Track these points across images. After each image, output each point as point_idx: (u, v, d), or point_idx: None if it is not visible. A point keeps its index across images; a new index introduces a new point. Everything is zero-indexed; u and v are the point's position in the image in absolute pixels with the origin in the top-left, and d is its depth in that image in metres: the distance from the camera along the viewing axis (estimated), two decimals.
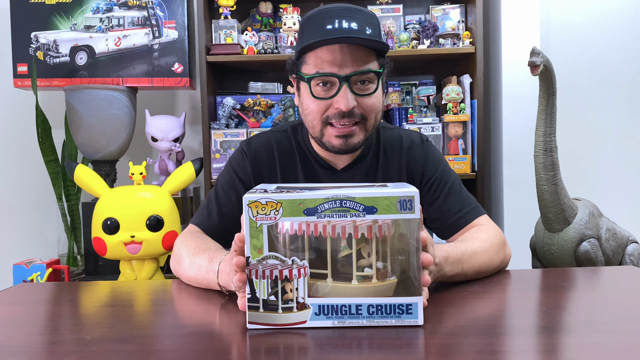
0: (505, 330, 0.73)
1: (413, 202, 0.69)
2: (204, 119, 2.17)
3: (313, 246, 0.70)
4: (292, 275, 0.70)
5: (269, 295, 0.70)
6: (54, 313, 0.87)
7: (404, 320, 0.70)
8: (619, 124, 2.42)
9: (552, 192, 1.56)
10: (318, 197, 0.69)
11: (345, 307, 0.70)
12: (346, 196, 0.69)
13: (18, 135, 2.51)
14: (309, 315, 0.70)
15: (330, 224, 0.69)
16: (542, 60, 1.49)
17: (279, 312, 0.70)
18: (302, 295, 0.70)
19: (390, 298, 0.70)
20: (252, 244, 0.70)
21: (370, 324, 0.70)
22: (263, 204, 0.69)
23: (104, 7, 2.17)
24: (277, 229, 0.69)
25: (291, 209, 0.69)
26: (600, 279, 1.01)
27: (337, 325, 0.70)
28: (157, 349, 0.68)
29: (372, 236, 0.69)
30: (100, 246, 1.81)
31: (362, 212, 0.69)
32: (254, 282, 0.70)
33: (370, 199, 0.69)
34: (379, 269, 0.70)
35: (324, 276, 0.70)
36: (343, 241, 0.69)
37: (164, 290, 1.03)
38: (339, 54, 1.01)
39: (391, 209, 0.69)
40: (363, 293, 0.70)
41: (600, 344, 0.65)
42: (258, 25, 2.30)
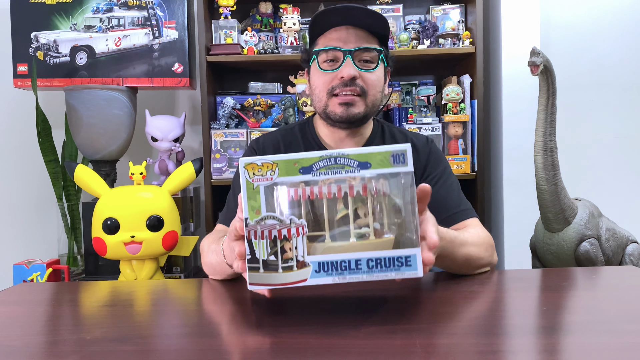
0: (505, 330, 0.73)
1: (406, 155, 0.70)
2: (204, 119, 2.17)
3: (310, 211, 0.70)
4: (291, 234, 0.70)
5: (269, 256, 0.70)
6: (54, 313, 0.87)
7: (404, 273, 0.70)
8: (619, 124, 2.42)
9: (552, 192, 1.56)
10: (313, 156, 0.70)
11: (344, 263, 0.70)
12: (340, 154, 0.70)
13: (18, 135, 2.51)
14: (310, 273, 0.70)
15: (326, 184, 0.70)
16: (542, 60, 1.49)
17: (279, 272, 0.70)
18: (302, 253, 0.70)
19: (389, 251, 0.70)
20: (249, 205, 0.70)
21: (370, 279, 0.70)
22: (259, 165, 0.70)
23: (104, 7, 2.17)
24: (274, 197, 0.70)
25: (287, 169, 0.70)
26: (600, 279, 1.01)
27: (338, 281, 0.70)
28: (157, 349, 0.68)
29: (367, 194, 0.70)
30: (100, 246, 1.81)
31: (356, 168, 0.70)
32: (253, 242, 0.70)
33: (364, 154, 0.70)
34: (376, 229, 0.70)
35: (322, 238, 0.70)
36: (340, 203, 0.70)
37: (164, 290, 1.03)
38: (345, 34, 1.14)
39: (385, 163, 0.70)
40: (361, 249, 0.70)
41: (600, 344, 0.65)
42: (258, 25, 2.30)
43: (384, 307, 0.81)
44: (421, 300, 0.86)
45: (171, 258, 2.08)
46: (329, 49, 1.14)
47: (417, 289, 0.91)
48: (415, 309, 0.81)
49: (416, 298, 0.87)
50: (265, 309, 0.85)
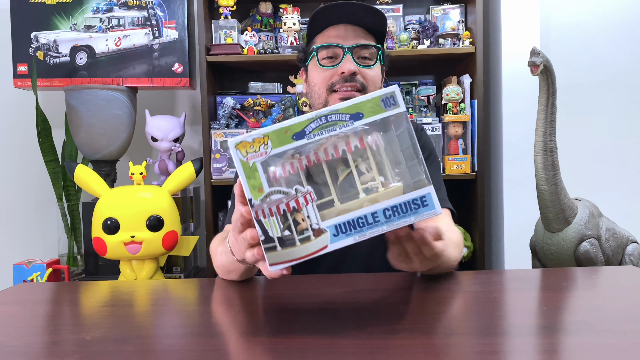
0: (505, 330, 0.73)
1: (395, 96, 0.68)
2: (204, 119, 2.17)
3: (312, 179, 0.68)
4: (300, 204, 0.67)
5: (283, 231, 0.67)
6: (54, 313, 0.87)
7: (422, 214, 0.68)
8: (619, 124, 2.42)
9: (552, 192, 1.56)
10: (303, 119, 0.67)
11: (361, 219, 0.67)
12: (330, 110, 0.68)
13: (18, 136, 2.51)
14: (329, 239, 0.67)
15: (321, 148, 0.67)
16: (542, 60, 1.49)
17: (297, 246, 0.67)
18: (316, 221, 0.67)
19: (403, 196, 0.68)
20: (250, 185, 0.67)
21: (391, 228, 0.68)
22: (250, 142, 0.67)
23: (104, 7, 2.17)
24: (271, 177, 0.67)
25: (279, 139, 0.67)
26: (600, 278, 1.00)
27: (359, 239, 0.67)
28: (157, 349, 0.68)
29: (365, 146, 0.68)
30: (100, 246, 1.81)
31: (349, 121, 0.67)
32: (263, 222, 0.67)
33: (354, 105, 0.68)
34: (382, 181, 0.68)
35: (331, 203, 0.67)
36: (341, 164, 0.68)
37: (164, 290, 1.03)
38: (344, 31, 1.15)
39: (376, 109, 0.68)
40: (373, 202, 0.67)
41: (600, 344, 0.65)
42: (258, 25, 2.30)
43: (384, 307, 0.81)
44: (421, 300, 0.86)
45: (171, 258, 2.08)
46: (328, 46, 1.15)
47: (417, 289, 0.91)
48: (415, 308, 0.81)
49: (416, 298, 0.87)
50: (265, 308, 0.85)
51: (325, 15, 1.15)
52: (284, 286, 0.97)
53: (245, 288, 0.98)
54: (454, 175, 2.15)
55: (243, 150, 0.67)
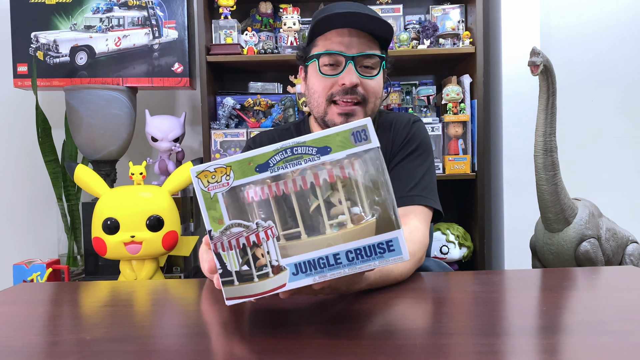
0: (505, 331, 0.73)
1: (367, 130, 0.64)
2: (204, 119, 2.17)
3: (283, 207, 0.65)
4: (260, 239, 0.65)
5: (241, 266, 0.65)
6: (54, 313, 0.87)
7: (388, 259, 0.64)
8: (619, 124, 2.42)
9: (552, 192, 1.56)
10: (267, 151, 0.64)
11: (322, 260, 0.64)
12: (296, 142, 0.64)
13: (18, 135, 2.51)
14: (287, 277, 0.65)
15: (290, 178, 0.64)
16: (542, 60, 1.49)
17: (255, 281, 0.65)
18: (275, 258, 0.65)
19: (367, 239, 0.64)
20: (210, 217, 0.65)
21: (353, 271, 0.65)
22: (212, 172, 0.65)
23: (104, 7, 2.17)
24: (244, 200, 0.65)
25: (242, 170, 0.64)
26: (600, 279, 1.00)
27: (319, 280, 0.65)
28: (157, 349, 0.68)
29: (335, 179, 0.64)
30: (100, 246, 1.81)
31: (315, 155, 0.64)
32: (221, 255, 0.65)
33: (321, 139, 0.64)
34: (355, 214, 0.64)
35: (298, 235, 0.65)
36: (311, 196, 0.64)
37: (164, 290, 1.02)
38: (347, 37, 1.10)
39: (346, 143, 0.64)
40: (341, 240, 0.64)
41: (601, 344, 0.65)
42: (258, 25, 2.30)
43: (384, 307, 0.81)
44: (421, 300, 0.86)
45: (171, 258, 2.08)
46: (330, 53, 1.11)
47: (417, 289, 0.91)
48: (415, 309, 0.81)
49: (416, 298, 0.87)
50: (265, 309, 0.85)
51: (332, 19, 1.11)
52: None
53: None
54: (454, 175, 2.15)
55: (204, 180, 0.65)
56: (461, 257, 2.18)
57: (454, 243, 2.16)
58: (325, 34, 1.13)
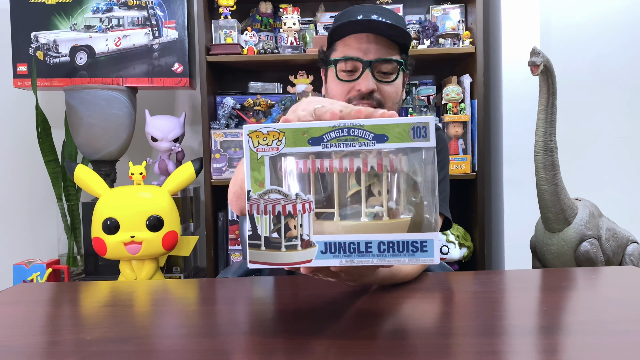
0: (506, 331, 0.73)
1: (427, 129, 0.63)
2: (204, 119, 2.17)
3: (320, 185, 0.64)
4: (296, 210, 0.64)
5: (272, 233, 0.65)
6: (53, 313, 0.87)
7: (418, 259, 0.64)
8: (619, 124, 2.42)
9: (552, 192, 1.56)
10: (324, 126, 0.63)
11: (353, 245, 0.64)
12: (354, 124, 0.63)
13: (18, 136, 2.51)
14: (315, 254, 0.64)
15: (338, 157, 0.63)
16: (542, 60, 1.49)
17: (282, 251, 0.65)
18: (307, 232, 0.64)
19: (403, 234, 0.63)
20: (253, 177, 0.64)
21: (381, 263, 0.64)
22: (265, 134, 0.64)
23: (103, 7, 2.17)
24: (281, 170, 0.64)
25: (294, 139, 0.64)
26: (601, 279, 1.00)
27: (345, 264, 0.64)
28: (157, 350, 0.68)
29: (382, 170, 0.63)
30: (100, 246, 1.81)
31: (371, 141, 0.63)
32: (255, 217, 0.65)
33: (381, 126, 0.63)
34: (390, 209, 0.64)
35: (331, 216, 0.64)
36: (352, 179, 0.64)
37: (164, 290, 1.03)
38: (365, 43, 1.10)
39: (404, 136, 0.63)
40: (373, 230, 0.64)
41: (601, 344, 0.65)
42: (258, 25, 2.30)
43: (384, 308, 0.81)
44: (421, 300, 0.86)
45: (171, 258, 2.08)
46: (348, 59, 1.11)
47: (417, 290, 0.91)
48: (416, 309, 0.81)
49: (416, 299, 0.87)
50: (265, 309, 0.85)
51: (349, 25, 1.11)
52: (284, 287, 0.97)
53: (245, 289, 0.98)
54: (454, 175, 2.14)
55: (255, 140, 0.65)
56: (461, 257, 2.18)
57: (454, 243, 2.16)
58: (343, 38, 1.13)
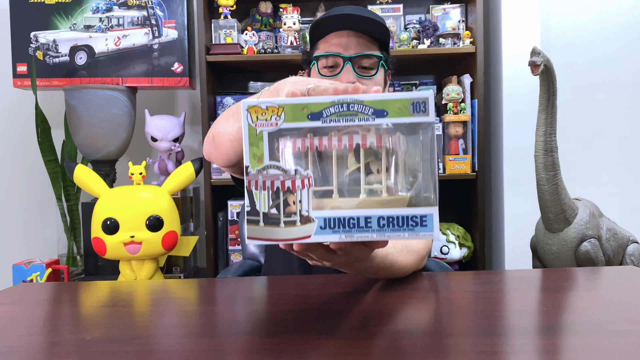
0: (506, 331, 0.73)
1: (427, 104, 0.63)
2: (204, 119, 2.17)
3: (318, 164, 0.64)
4: (295, 186, 0.64)
5: (270, 209, 0.64)
6: (53, 313, 0.87)
7: (418, 234, 0.64)
8: (619, 124, 2.42)
9: (552, 192, 1.56)
10: (323, 101, 0.63)
11: (353, 220, 0.64)
12: (354, 99, 0.63)
13: (17, 135, 2.51)
14: (314, 229, 0.64)
15: (336, 135, 0.64)
16: (542, 60, 1.49)
17: (280, 227, 0.64)
18: (307, 208, 0.64)
19: (403, 209, 0.63)
20: (251, 153, 0.64)
21: (380, 238, 0.64)
22: (263, 109, 0.64)
23: (103, 7, 2.17)
24: (279, 149, 0.64)
25: (294, 114, 0.64)
26: (601, 279, 1.00)
27: (345, 239, 0.64)
28: (157, 350, 0.68)
29: (382, 146, 0.63)
30: (100, 246, 1.81)
31: (371, 116, 0.63)
32: (253, 193, 0.64)
33: (380, 101, 0.63)
34: (389, 187, 0.64)
35: (330, 194, 0.64)
36: (351, 158, 0.64)
37: (163, 290, 1.02)
38: (345, 39, 1.13)
39: (403, 111, 0.63)
40: (372, 206, 0.63)
41: (601, 345, 0.64)
42: (258, 25, 2.30)
43: (384, 308, 0.81)
44: (421, 300, 0.86)
45: (171, 258, 2.08)
46: (328, 55, 1.14)
47: (417, 290, 0.91)
48: (416, 309, 0.81)
49: (416, 299, 0.87)
50: (265, 309, 0.85)
51: (330, 22, 1.14)
52: (283, 287, 0.97)
53: (245, 289, 0.98)
54: (454, 175, 2.14)
55: (254, 115, 0.64)
56: (461, 257, 2.18)
57: (455, 243, 2.16)
58: (325, 37, 1.16)
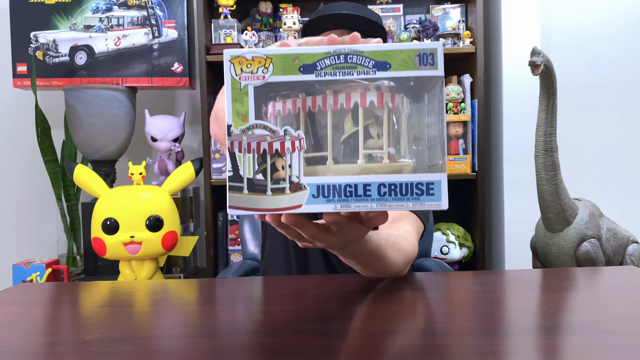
0: (506, 331, 0.73)
1: (435, 55, 0.55)
2: (204, 119, 2.17)
3: (310, 126, 0.57)
4: (285, 148, 0.56)
5: (256, 174, 0.56)
6: (53, 313, 0.87)
7: (424, 203, 0.56)
8: (619, 124, 2.41)
9: (552, 192, 1.56)
10: (317, 52, 0.56)
11: (350, 188, 0.56)
12: (352, 50, 0.55)
13: (17, 136, 2.50)
14: (305, 198, 0.56)
15: (332, 93, 0.56)
16: (542, 60, 1.49)
17: (267, 194, 0.56)
18: (297, 173, 0.56)
19: (407, 175, 0.56)
20: (234, 110, 0.56)
21: (381, 208, 0.56)
22: (249, 59, 0.56)
23: (103, 7, 2.17)
24: (267, 111, 0.56)
25: (283, 66, 0.55)
26: (601, 279, 1.00)
27: (340, 209, 0.56)
28: (157, 350, 0.68)
29: (383, 106, 0.56)
30: (100, 246, 1.81)
31: (371, 69, 0.55)
32: (236, 156, 0.56)
33: (382, 52, 0.55)
34: (390, 153, 0.56)
35: (323, 160, 0.56)
36: (348, 121, 0.56)
37: (163, 290, 1.02)
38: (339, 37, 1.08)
39: (408, 64, 0.55)
40: (371, 172, 0.56)
41: (602, 345, 0.64)
42: (258, 24, 2.30)
43: (383, 308, 0.80)
44: (421, 300, 0.86)
45: (171, 258, 2.08)
46: None
47: (417, 290, 0.91)
48: (416, 309, 0.81)
49: (415, 299, 0.87)
50: (264, 309, 0.85)
51: (323, 21, 1.13)
52: (282, 287, 0.97)
53: (245, 289, 0.97)
54: (455, 176, 2.14)
55: (238, 67, 0.56)
56: (461, 257, 2.18)
57: (455, 243, 2.16)
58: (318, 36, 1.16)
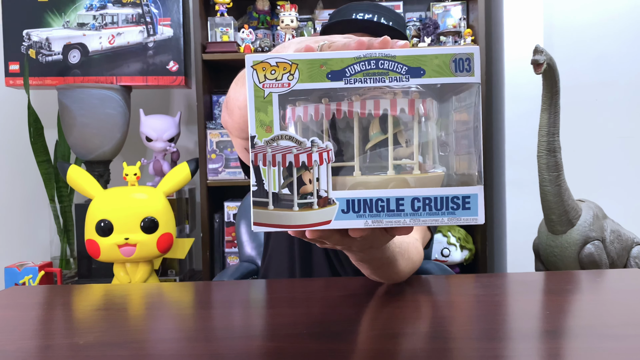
0: (508, 335, 0.72)
1: (472, 61, 0.52)
2: (200, 119, 2.16)
3: (335, 134, 0.55)
4: (312, 160, 0.53)
5: (282, 188, 0.54)
6: (46, 317, 0.86)
7: (460, 218, 0.53)
8: (623, 124, 2.41)
9: (555, 193, 1.55)
10: (347, 56, 0.52)
11: (382, 202, 0.53)
12: (384, 55, 0.52)
13: (9, 136, 2.49)
14: (335, 214, 0.53)
15: (358, 100, 0.53)
16: (545, 59, 1.48)
17: (294, 210, 0.54)
18: (325, 187, 0.53)
19: (441, 189, 0.53)
20: (258, 120, 0.53)
21: (415, 224, 0.53)
22: (272, 66, 0.52)
23: (97, 4, 2.15)
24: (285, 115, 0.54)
25: (310, 73, 0.52)
26: (605, 282, 1.00)
27: (372, 225, 0.53)
28: (152, 354, 0.67)
29: (414, 113, 0.53)
30: (94, 248, 1.80)
31: (404, 75, 0.52)
32: (261, 169, 0.53)
33: (416, 57, 0.52)
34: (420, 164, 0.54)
35: (350, 171, 0.54)
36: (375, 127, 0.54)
37: (158, 293, 1.01)
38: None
39: (444, 70, 0.52)
40: (404, 185, 0.53)
41: (605, 348, 0.64)
42: (255, 22, 2.29)
43: (385, 311, 0.80)
44: (422, 304, 0.86)
45: (166, 261, 2.08)
46: None
47: (418, 293, 0.90)
48: (417, 313, 0.81)
49: (417, 302, 0.86)
50: (262, 312, 0.84)
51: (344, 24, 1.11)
52: (281, 290, 0.97)
53: (241, 292, 0.97)
54: None
55: (261, 74, 0.53)
56: (463, 259, 2.17)
57: (456, 245, 2.15)
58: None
